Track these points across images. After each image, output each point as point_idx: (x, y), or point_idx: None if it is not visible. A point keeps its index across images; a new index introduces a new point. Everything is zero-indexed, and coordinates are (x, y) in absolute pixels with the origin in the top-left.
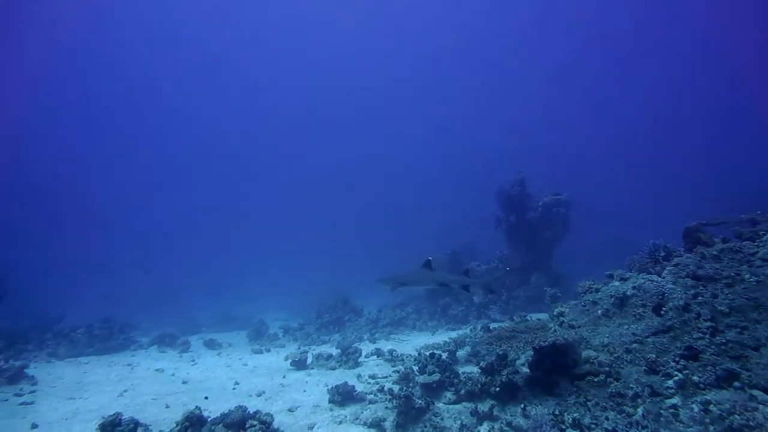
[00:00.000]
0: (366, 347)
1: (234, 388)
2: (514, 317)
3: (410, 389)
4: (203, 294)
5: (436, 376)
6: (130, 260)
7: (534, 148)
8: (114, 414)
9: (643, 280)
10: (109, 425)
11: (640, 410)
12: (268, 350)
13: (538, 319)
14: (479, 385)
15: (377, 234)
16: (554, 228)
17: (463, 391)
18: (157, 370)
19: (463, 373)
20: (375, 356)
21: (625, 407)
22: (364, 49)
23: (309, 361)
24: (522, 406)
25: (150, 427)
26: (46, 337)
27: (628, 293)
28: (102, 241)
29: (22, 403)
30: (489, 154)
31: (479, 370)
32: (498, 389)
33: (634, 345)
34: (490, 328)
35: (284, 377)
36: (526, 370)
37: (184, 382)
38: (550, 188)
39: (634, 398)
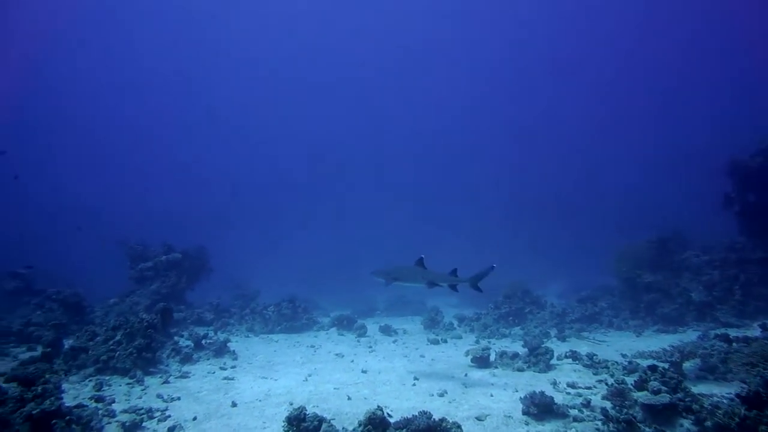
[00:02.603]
0: (556, 346)
1: (414, 384)
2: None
3: (628, 410)
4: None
5: (665, 397)
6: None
7: None
8: (299, 408)
9: None
10: (295, 420)
11: None
12: (445, 341)
13: None
14: (736, 420)
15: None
16: None
17: (709, 424)
18: (336, 354)
19: (700, 394)
20: (570, 359)
21: None
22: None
23: (492, 358)
24: None
25: (333, 422)
26: (245, 313)
27: None
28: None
29: (225, 378)
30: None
31: (736, 399)
32: None
33: None
34: (731, 337)
35: (466, 375)
36: None
37: (363, 372)
38: None
39: None
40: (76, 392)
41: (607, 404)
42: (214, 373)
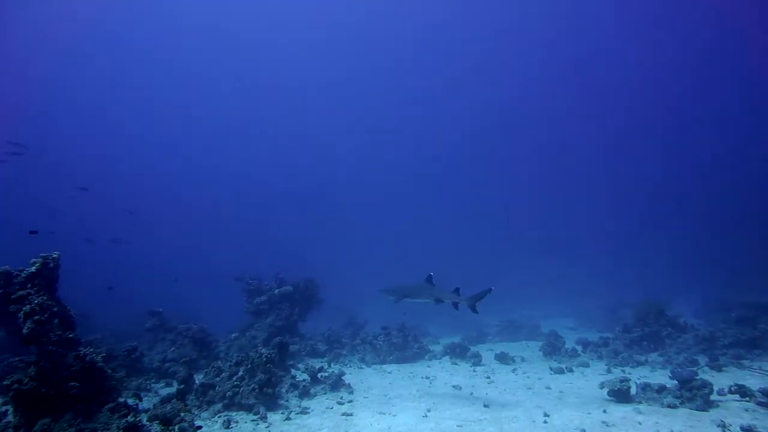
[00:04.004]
0: (711, 378)
1: (545, 422)
2: None
3: None
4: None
5: None
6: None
7: None
8: None
9: None
10: None
11: None
12: (570, 370)
13: None
14: None
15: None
16: None
17: None
18: (454, 386)
19: None
20: (737, 395)
21: None
22: None
23: (633, 391)
24: None
25: None
26: (356, 343)
27: None
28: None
29: (343, 414)
30: None
31: None
32: None
33: None
34: None
35: (605, 412)
36: None
37: (485, 406)
38: None
39: None
40: (208, 429)
41: None
42: (332, 408)
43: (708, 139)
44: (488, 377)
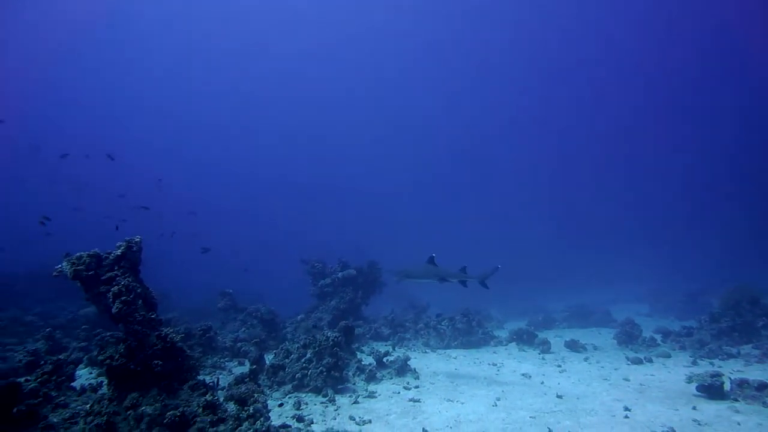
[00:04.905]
0: None
1: (626, 416)
2: None
3: None
4: (542, 280)
5: None
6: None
7: None
8: None
9: None
10: None
11: None
12: (650, 360)
13: None
14: None
15: None
16: None
17: None
18: (523, 374)
19: None
20: None
21: None
22: None
23: (727, 387)
24: None
25: None
26: (419, 327)
27: None
28: None
29: (410, 400)
30: None
31: None
32: None
33: None
34: None
35: (695, 409)
36: None
37: (558, 397)
38: None
39: None
40: (279, 410)
41: None
42: (399, 393)
43: None
44: (559, 366)
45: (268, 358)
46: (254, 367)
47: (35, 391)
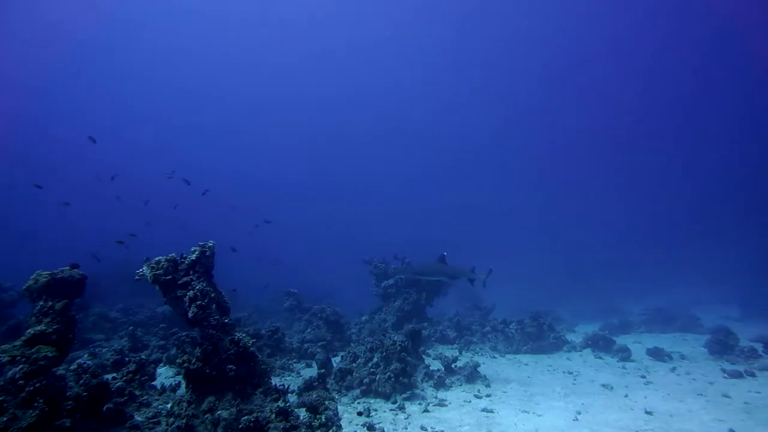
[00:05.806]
0: None
1: None
2: None
3: None
4: (611, 277)
5: None
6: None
7: None
8: None
9: None
10: None
11: None
12: (752, 374)
13: None
14: None
15: None
16: None
17: None
18: (603, 385)
19: None
20: None
21: None
22: None
23: None
24: None
25: None
26: (486, 330)
27: None
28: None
29: (483, 410)
30: None
31: None
32: None
33: None
34: None
35: None
36: None
37: (647, 413)
38: None
39: None
40: (349, 416)
41: None
42: (470, 402)
43: None
44: (643, 376)
45: (335, 360)
46: (322, 371)
47: (122, 390)
